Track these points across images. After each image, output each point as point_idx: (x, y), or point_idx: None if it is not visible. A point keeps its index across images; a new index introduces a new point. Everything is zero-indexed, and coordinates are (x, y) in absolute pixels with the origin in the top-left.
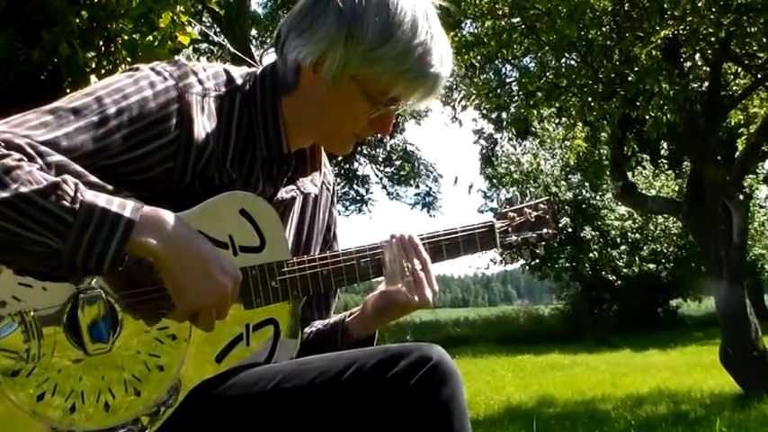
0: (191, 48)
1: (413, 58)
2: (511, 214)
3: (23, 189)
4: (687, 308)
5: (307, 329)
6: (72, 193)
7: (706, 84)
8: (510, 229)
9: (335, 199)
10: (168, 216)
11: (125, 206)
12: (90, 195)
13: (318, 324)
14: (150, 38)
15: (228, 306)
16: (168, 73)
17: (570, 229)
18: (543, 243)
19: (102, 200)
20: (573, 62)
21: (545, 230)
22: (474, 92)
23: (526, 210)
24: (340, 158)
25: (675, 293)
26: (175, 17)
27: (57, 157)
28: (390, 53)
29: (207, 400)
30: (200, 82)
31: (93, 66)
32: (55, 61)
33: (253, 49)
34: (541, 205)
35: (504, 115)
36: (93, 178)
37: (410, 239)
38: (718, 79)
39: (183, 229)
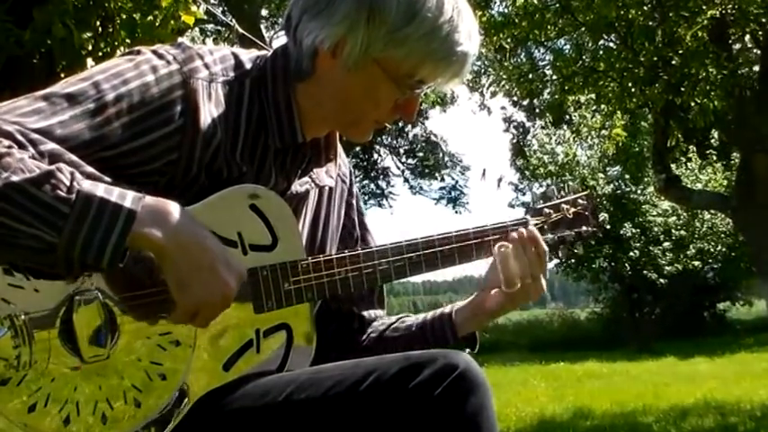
0: (196, 28)
1: (440, 37)
2: (547, 210)
3: (14, 178)
4: (736, 312)
5: (389, 332)
6: (68, 183)
7: (757, 68)
8: (546, 227)
9: (354, 190)
10: (172, 207)
11: (125, 196)
12: (87, 185)
13: (401, 325)
14: (151, 17)
15: (227, 307)
16: (172, 56)
17: (609, 226)
18: (581, 242)
19: (100, 189)
20: (611, 44)
21: (584, 228)
22: (504, 77)
23: (563, 206)
24: (358, 149)
25: (723, 296)
26: None
27: (50, 146)
28: (416, 33)
29: (213, 411)
30: (207, 66)
31: (90, 48)
32: (48, 43)
33: (263, 30)
34: (580, 200)
35: (536, 102)
36: (89, 168)
37: (530, 234)
38: None
39: (187, 221)
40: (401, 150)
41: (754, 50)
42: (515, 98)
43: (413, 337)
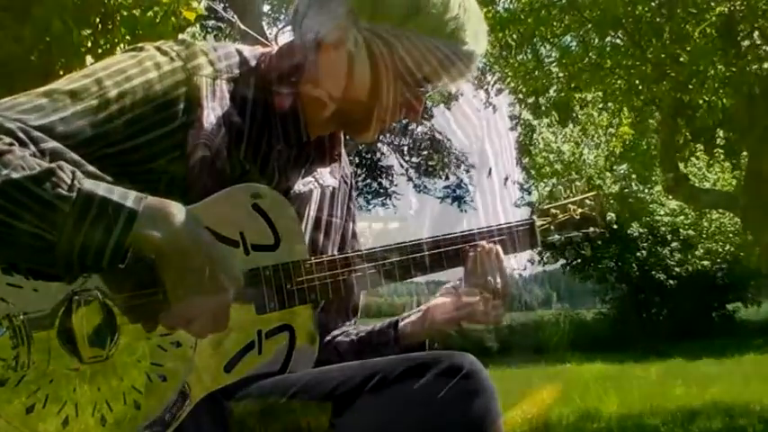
0: (196, 25)
1: (445, 34)
2: (553, 211)
3: (15, 175)
4: (745, 312)
5: (341, 338)
6: (69, 181)
7: (766, 65)
8: (552, 227)
9: (354, 193)
10: (175, 208)
11: (127, 196)
12: (88, 183)
13: (353, 330)
14: (151, 14)
15: (225, 317)
16: (175, 53)
17: (616, 226)
18: (588, 242)
19: (101, 188)
20: (618, 41)
21: (591, 229)
22: (509, 74)
23: (570, 206)
24: (361, 148)
25: (732, 296)
26: None
27: (51, 144)
28: (420, 29)
29: (215, 413)
30: (211, 63)
31: (89, 45)
32: (47, 40)
33: (265, 27)
34: (588, 201)
35: (541, 100)
36: (91, 168)
37: (497, 254)
38: None
39: (190, 224)
40: (404, 148)
41: (764, 47)
42: (521, 96)
43: (359, 344)
